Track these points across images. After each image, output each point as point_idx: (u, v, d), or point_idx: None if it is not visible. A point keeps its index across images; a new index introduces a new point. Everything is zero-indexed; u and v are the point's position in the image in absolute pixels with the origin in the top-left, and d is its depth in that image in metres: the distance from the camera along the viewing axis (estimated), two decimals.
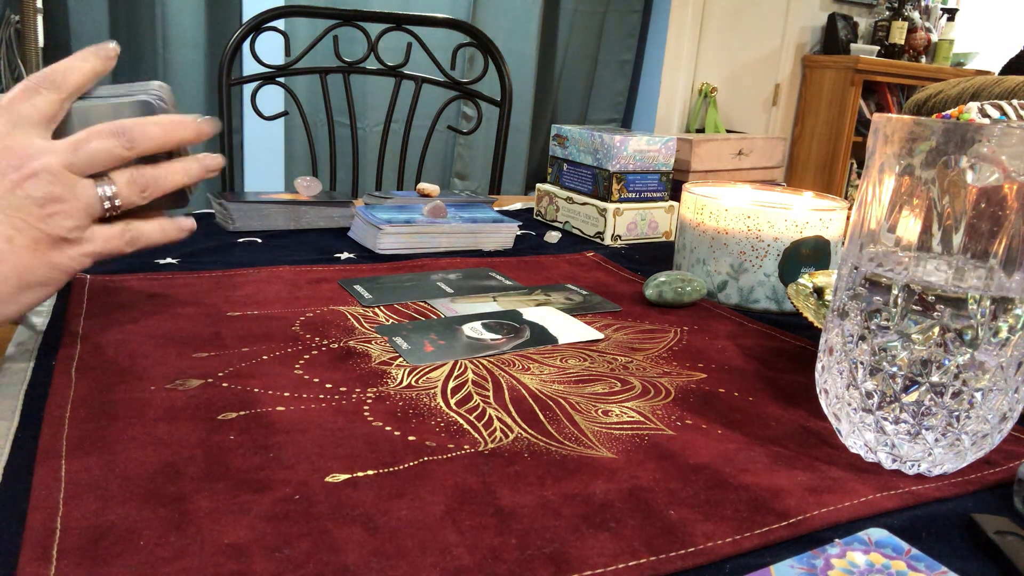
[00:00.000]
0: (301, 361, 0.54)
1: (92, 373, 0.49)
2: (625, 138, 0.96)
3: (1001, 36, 3.78)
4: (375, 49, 1.36)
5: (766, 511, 0.38)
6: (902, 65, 3.43)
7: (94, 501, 0.35)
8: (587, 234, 1.00)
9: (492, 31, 1.61)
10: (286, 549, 0.33)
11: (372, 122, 2.46)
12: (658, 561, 0.34)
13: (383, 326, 0.62)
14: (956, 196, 0.38)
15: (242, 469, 0.39)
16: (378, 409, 0.47)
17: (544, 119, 2.91)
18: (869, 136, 0.43)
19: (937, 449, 0.41)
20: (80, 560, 0.31)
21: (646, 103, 3.17)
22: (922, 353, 0.40)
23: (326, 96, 1.38)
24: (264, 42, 1.29)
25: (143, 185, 0.51)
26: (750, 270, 0.73)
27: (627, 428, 0.47)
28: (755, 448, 0.45)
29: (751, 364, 0.59)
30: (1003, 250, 0.38)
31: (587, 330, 0.64)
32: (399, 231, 0.85)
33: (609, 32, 2.96)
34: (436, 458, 0.42)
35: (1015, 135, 0.37)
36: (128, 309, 0.61)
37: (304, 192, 0.97)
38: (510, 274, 0.80)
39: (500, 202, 1.20)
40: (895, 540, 0.36)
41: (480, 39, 1.42)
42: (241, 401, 0.47)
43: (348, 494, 0.37)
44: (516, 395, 0.50)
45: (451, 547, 0.34)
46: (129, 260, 0.76)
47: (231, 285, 0.70)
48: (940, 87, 1.03)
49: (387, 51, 1.38)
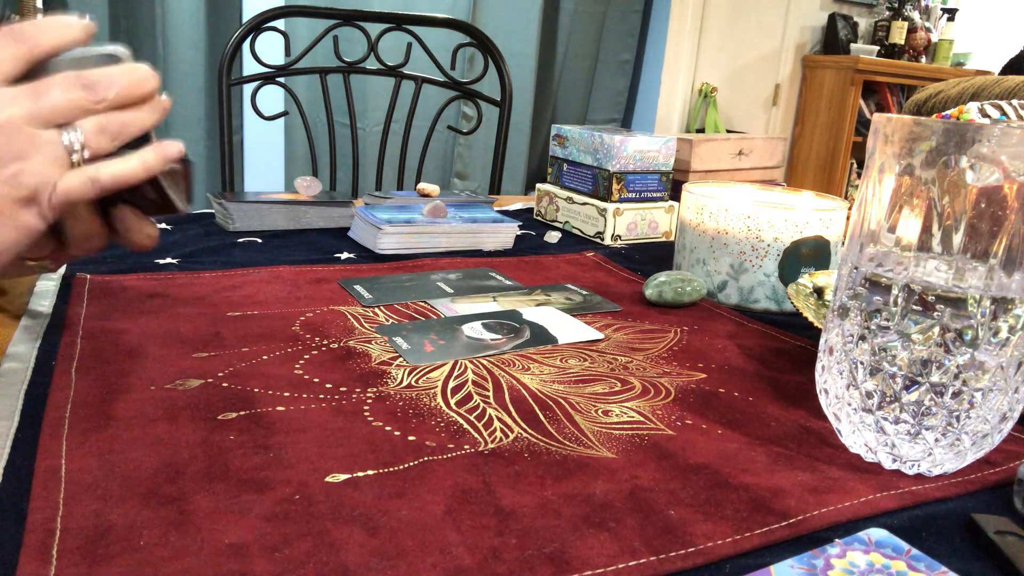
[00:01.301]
0: (301, 361, 0.54)
1: (92, 373, 0.49)
2: (625, 138, 0.96)
3: (1001, 36, 3.78)
4: (375, 49, 1.36)
5: (766, 511, 0.38)
6: (902, 65, 3.43)
7: (94, 501, 0.35)
8: (587, 234, 1.00)
9: (492, 31, 1.61)
10: (286, 549, 0.33)
11: (372, 122, 2.46)
12: (658, 561, 0.34)
13: (383, 326, 0.62)
14: (956, 196, 0.38)
15: (242, 469, 0.39)
16: (378, 409, 0.47)
17: (544, 119, 2.91)
18: (869, 136, 0.43)
19: (937, 449, 0.41)
20: (80, 560, 0.31)
21: (646, 103, 3.17)
22: (922, 353, 0.40)
23: (326, 96, 1.38)
24: (264, 42, 1.29)
25: (114, 132, 0.47)
26: (750, 270, 0.73)
27: (627, 428, 0.47)
28: (755, 448, 0.45)
29: (751, 364, 0.59)
30: (1003, 250, 0.38)
31: (587, 330, 0.64)
32: (399, 231, 0.85)
33: (609, 32, 2.95)
34: (436, 458, 0.42)
35: (1015, 135, 0.37)
36: (128, 309, 0.61)
37: (304, 192, 0.97)
38: (510, 274, 0.80)
39: (500, 202, 1.20)
40: (895, 540, 0.36)
41: (480, 39, 1.42)
42: (241, 401, 0.47)
43: (348, 494, 0.37)
44: (516, 395, 0.50)
45: (451, 547, 0.34)
46: (129, 260, 0.76)
47: (231, 285, 0.70)
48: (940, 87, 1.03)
49: (387, 51, 1.38)
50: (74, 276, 0.68)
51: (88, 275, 0.69)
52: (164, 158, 0.49)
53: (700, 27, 3.14)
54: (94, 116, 0.46)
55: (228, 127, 1.30)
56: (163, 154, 0.49)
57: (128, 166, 0.48)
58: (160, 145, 0.50)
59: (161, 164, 0.49)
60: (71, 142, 0.45)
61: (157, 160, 0.49)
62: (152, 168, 0.49)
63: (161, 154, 0.49)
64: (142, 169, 0.48)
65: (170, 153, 0.50)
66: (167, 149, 0.50)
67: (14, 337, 0.55)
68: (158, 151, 0.49)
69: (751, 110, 3.41)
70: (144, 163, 0.48)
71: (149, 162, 0.48)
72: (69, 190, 0.45)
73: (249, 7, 2.25)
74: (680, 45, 3.09)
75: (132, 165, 0.48)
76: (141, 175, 0.48)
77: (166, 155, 0.49)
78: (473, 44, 1.42)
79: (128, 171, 0.48)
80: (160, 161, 0.49)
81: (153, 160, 0.49)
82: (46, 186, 0.45)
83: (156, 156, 0.49)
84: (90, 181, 0.46)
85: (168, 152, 0.50)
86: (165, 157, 0.49)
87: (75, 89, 0.45)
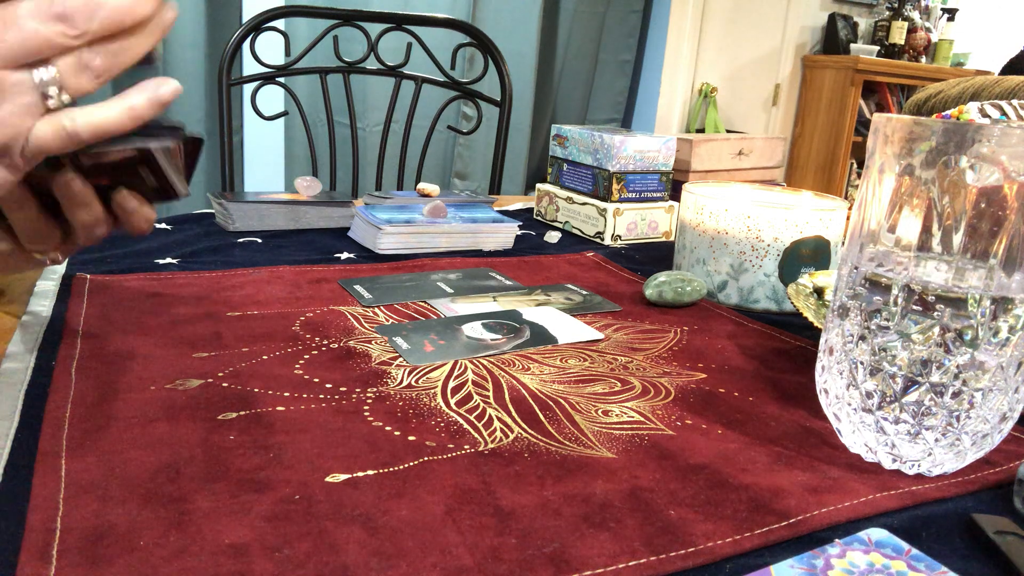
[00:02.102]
0: (301, 361, 0.54)
1: (92, 373, 0.49)
2: (625, 138, 0.96)
3: (1001, 36, 3.78)
4: (375, 49, 1.36)
5: (766, 511, 0.38)
6: (902, 65, 3.43)
7: (94, 501, 0.35)
8: (587, 234, 1.00)
9: (492, 31, 1.61)
10: (286, 549, 0.33)
11: (372, 122, 2.46)
12: (658, 561, 0.34)
13: (383, 326, 0.62)
14: (956, 196, 0.38)
15: (242, 469, 0.39)
16: (378, 409, 0.47)
17: (544, 119, 2.91)
18: (869, 136, 0.43)
19: (937, 449, 0.41)
20: (80, 560, 0.31)
21: (646, 103, 3.17)
22: (922, 353, 0.40)
23: (326, 96, 1.38)
24: (264, 42, 1.29)
25: (98, 68, 0.38)
26: (750, 270, 0.73)
27: (627, 428, 0.47)
28: (755, 448, 0.45)
29: (751, 364, 0.59)
30: (1003, 250, 0.38)
31: (587, 330, 0.64)
32: (399, 231, 0.85)
33: (609, 32, 2.95)
34: (436, 458, 0.42)
35: (1015, 135, 0.37)
36: (128, 309, 0.61)
37: (304, 192, 0.97)
38: (510, 274, 0.80)
39: (500, 202, 1.20)
40: (895, 540, 0.36)
41: (480, 39, 1.42)
42: (241, 401, 0.47)
43: (348, 494, 0.37)
44: (516, 395, 0.50)
45: (451, 547, 0.34)
46: (129, 260, 0.76)
47: (231, 285, 0.70)
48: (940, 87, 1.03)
49: (387, 51, 1.38)
50: (74, 276, 0.68)
51: (88, 275, 0.69)
52: (155, 101, 0.40)
53: (700, 27, 3.13)
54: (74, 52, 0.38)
55: (228, 127, 1.30)
56: (154, 96, 0.40)
57: (110, 112, 0.39)
58: (151, 84, 0.40)
59: (152, 109, 0.40)
60: (43, 82, 0.38)
61: (146, 104, 0.40)
62: (140, 114, 0.40)
63: (151, 96, 0.40)
64: (128, 115, 0.39)
65: (162, 94, 0.40)
66: (159, 89, 0.40)
67: (14, 337, 0.55)
68: (148, 92, 0.40)
69: (751, 110, 3.41)
70: (131, 109, 0.39)
71: (137, 107, 0.39)
72: (42, 142, 0.38)
73: (249, 7, 2.25)
74: (680, 45, 3.09)
75: (115, 111, 0.39)
76: (127, 123, 0.40)
77: (158, 97, 0.40)
78: (473, 44, 1.42)
79: (111, 119, 0.39)
80: (150, 105, 0.40)
81: (142, 104, 0.40)
82: (17, 138, 0.38)
83: (145, 99, 0.40)
84: (65, 131, 0.38)
85: (160, 93, 0.40)
86: (157, 100, 0.40)
87: (47, 21, 0.37)
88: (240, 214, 0.91)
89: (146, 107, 0.40)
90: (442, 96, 1.44)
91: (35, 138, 0.38)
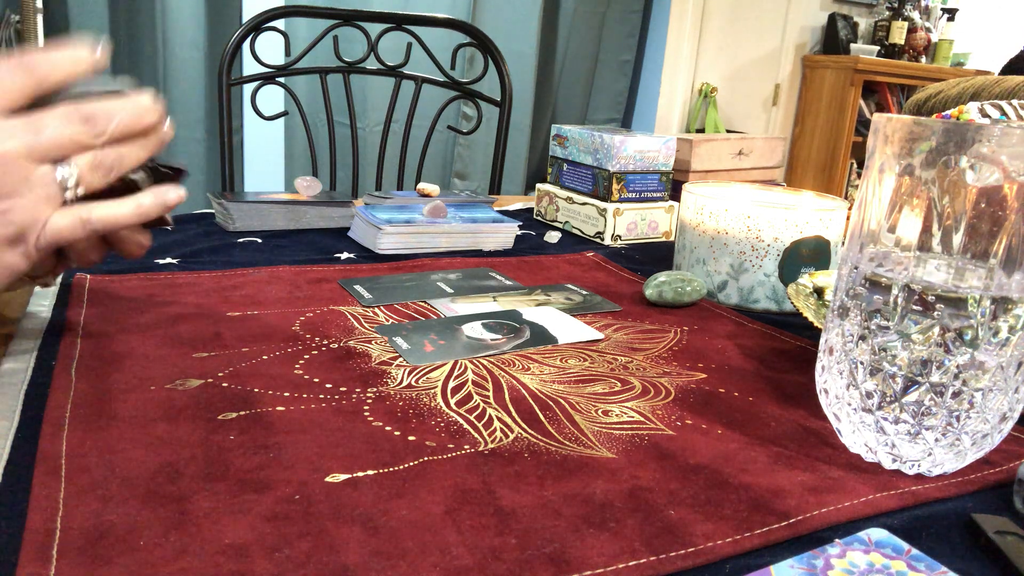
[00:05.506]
0: (301, 361, 0.54)
1: (92, 373, 0.49)
2: (625, 138, 0.96)
3: (1001, 36, 3.78)
4: (375, 49, 1.36)
5: (766, 511, 0.38)
6: (902, 65, 3.43)
7: (94, 501, 0.35)
8: (587, 234, 1.00)
9: (492, 31, 1.61)
10: (286, 549, 0.33)
11: (372, 122, 2.46)
12: (658, 561, 0.34)
13: (383, 326, 0.62)
14: (956, 196, 0.38)
15: (242, 469, 0.39)
16: (378, 409, 0.47)
17: (544, 119, 2.91)
18: (869, 136, 0.43)
19: (937, 449, 0.41)
20: (80, 560, 0.31)
21: (646, 103, 3.17)
22: (922, 353, 0.40)
23: (326, 96, 1.38)
24: (264, 42, 1.29)
25: (108, 167, 0.45)
26: (750, 270, 0.73)
27: (627, 428, 0.47)
28: (755, 448, 0.45)
29: (751, 364, 0.59)
30: (1003, 250, 0.38)
31: (587, 330, 0.64)
32: (399, 231, 0.85)
33: (609, 32, 2.95)
34: (436, 458, 0.42)
35: (1015, 135, 0.37)
36: (128, 309, 0.61)
37: (304, 192, 0.97)
38: (510, 274, 0.80)
39: (500, 202, 1.20)
40: (895, 540, 0.36)
41: (480, 39, 1.42)
42: (241, 401, 0.47)
43: (348, 494, 0.37)
44: (516, 395, 0.50)
45: (451, 547, 0.34)
46: (129, 260, 0.76)
47: (231, 285, 0.70)
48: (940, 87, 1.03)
49: (387, 51, 1.38)
50: (74, 276, 0.68)
51: (88, 275, 0.69)
52: (161, 205, 0.49)
53: (700, 27, 3.14)
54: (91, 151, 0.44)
55: (228, 127, 1.30)
56: (160, 201, 0.49)
57: (122, 210, 0.47)
58: (160, 191, 0.49)
59: (158, 210, 0.49)
60: (64, 178, 0.44)
61: (153, 205, 0.49)
62: (147, 213, 0.48)
63: (158, 201, 0.49)
64: (135, 213, 0.48)
65: (168, 200, 0.49)
66: (166, 196, 0.49)
67: (14, 337, 0.55)
68: (156, 197, 0.49)
69: (751, 110, 3.41)
70: (139, 207, 0.48)
71: (144, 206, 0.48)
72: (59, 230, 0.44)
73: (249, 7, 2.25)
74: (680, 45, 3.09)
75: (126, 209, 0.47)
76: (134, 219, 0.48)
77: (164, 203, 0.49)
78: (473, 44, 1.42)
79: (122, 215, 0.47)
80: (157, 207, 0.49)
81: (149, 205, 0.48)
82: (35, 225, 0.43)
83: (153, 202, 0.49)
84: (80, 222, 0.45)
85: (167, 200, 0.49)
86: (162, 204, 0.49)
87: (75, 123, 0.43)
88: (240, 214, 0.91)
89: (152, 207, 0.48)
90: (442, 96, 1.44)
91: (52, 227, 0.44)
